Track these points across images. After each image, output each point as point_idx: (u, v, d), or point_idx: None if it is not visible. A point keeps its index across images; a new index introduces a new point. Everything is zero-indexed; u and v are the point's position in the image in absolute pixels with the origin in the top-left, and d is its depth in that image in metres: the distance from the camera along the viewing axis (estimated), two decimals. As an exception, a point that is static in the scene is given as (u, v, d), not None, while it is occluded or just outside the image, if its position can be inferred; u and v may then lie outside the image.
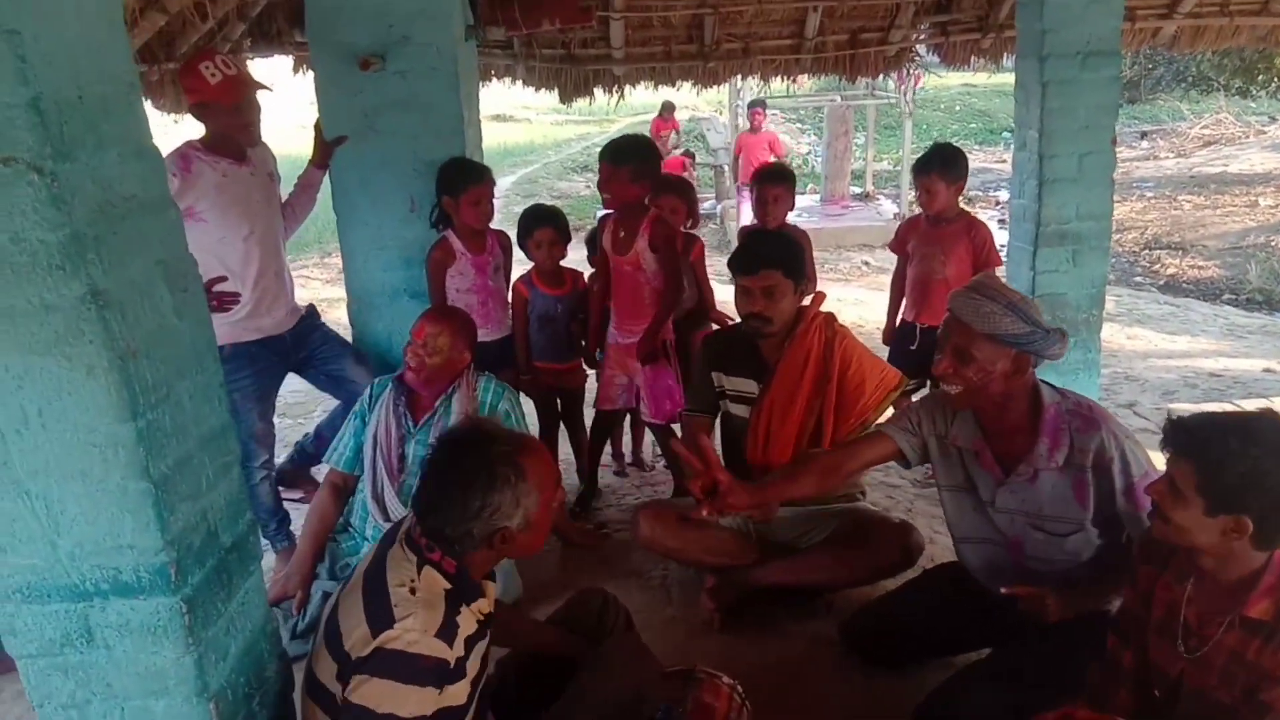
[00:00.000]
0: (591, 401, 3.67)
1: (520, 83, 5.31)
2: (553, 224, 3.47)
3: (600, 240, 3.44)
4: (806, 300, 2.75)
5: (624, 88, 5.64)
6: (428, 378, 2.70)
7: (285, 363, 3.14)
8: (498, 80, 5.28)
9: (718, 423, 2.96)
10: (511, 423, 2.77)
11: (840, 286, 8.43)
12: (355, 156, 3.30)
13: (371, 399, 2.81)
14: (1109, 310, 4.40)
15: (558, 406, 3.68)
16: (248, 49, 4.04)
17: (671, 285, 3.29)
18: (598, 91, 5.59)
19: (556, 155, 19.79)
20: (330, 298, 7.01)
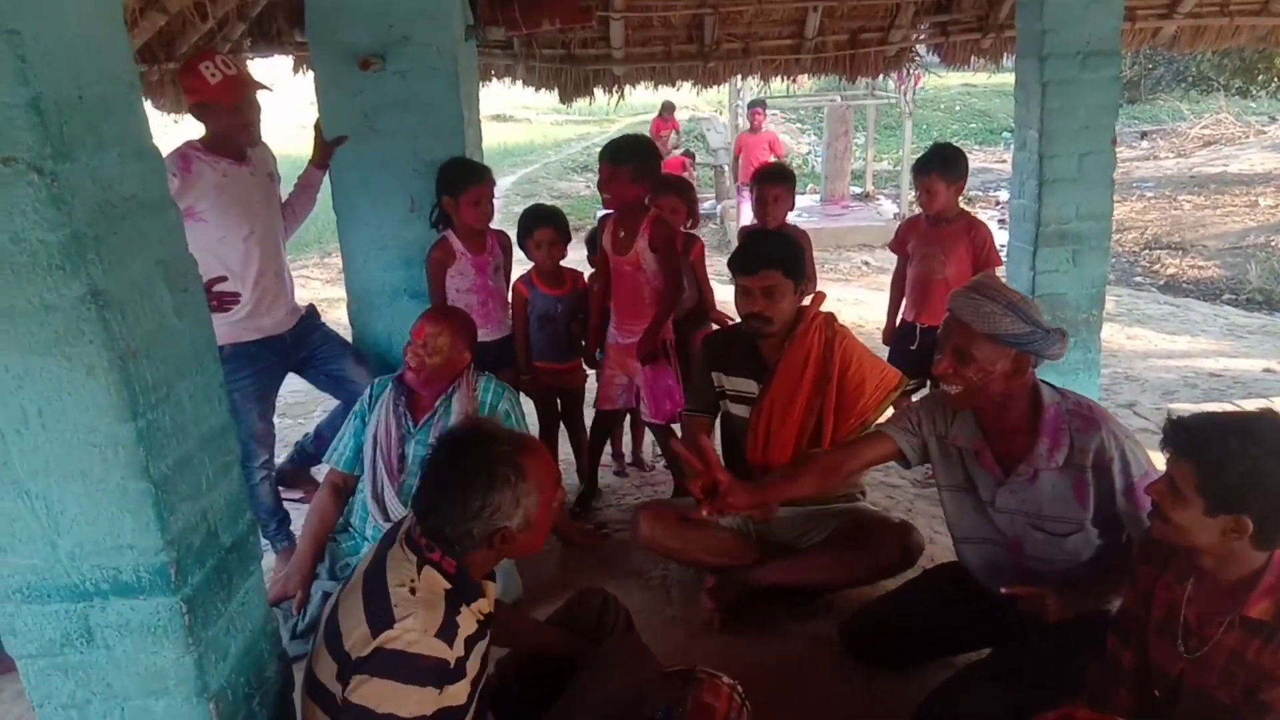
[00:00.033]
0: (591, 402, 3.67)
1: (520, 83, 5.31)
2: (553, 224, 3.47)
3: (600, 240, 3.44)
4: (806, 300, 2.76)
5: (624, 88, 5.63)
6: (428, 378, 2.70)
7: (285, 363, 3.14)
8: (498, 80, 5.28)
9: (717, 423, 2.97)
10: (511, 423, 2.77)
11: (840, 286, 8.42)
12: (355, 156, 3.30)
13: (371, 399, 2.81)
14: (1109, 310, 4.40)
15: (558, 406, 3.68)
16: (248, 49, 4.04)
17: (671, 285, 3.28)
18: (598, 91, 5.58)
19: (556, 155, 19.79)
20: (330, 298, 7.01)
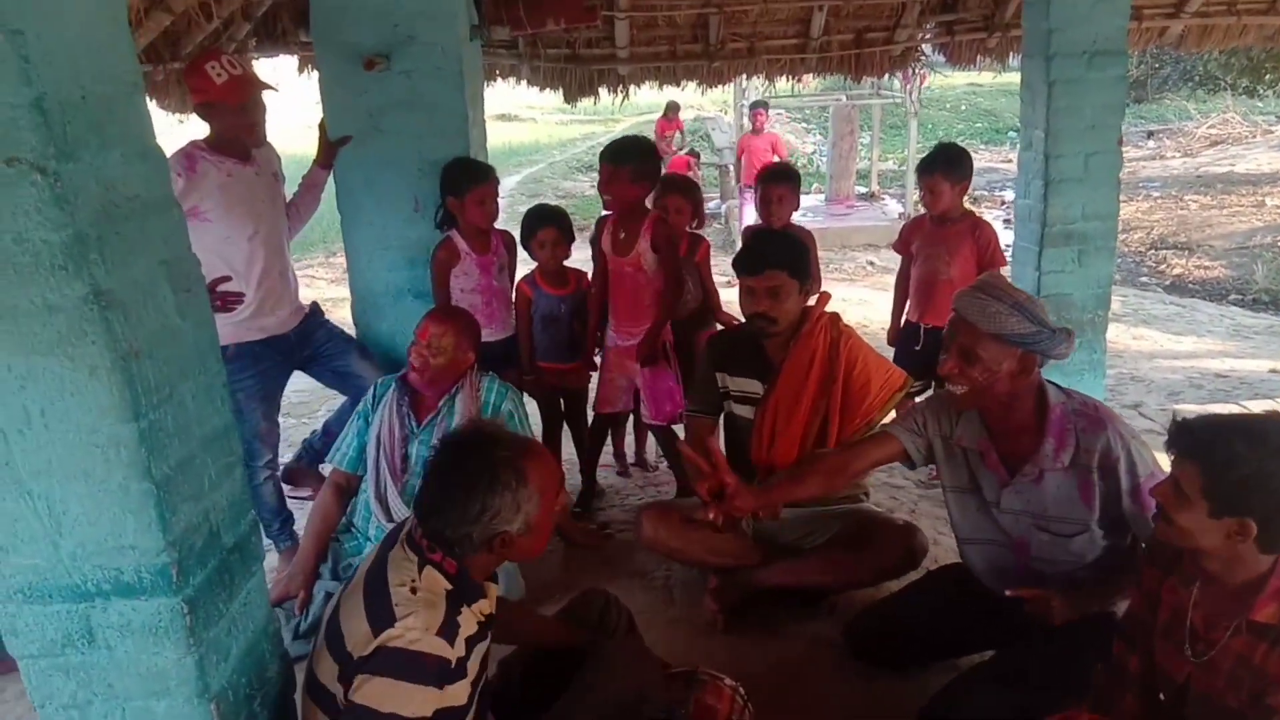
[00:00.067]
0: (591, 404, 3.66)
1: (525, 83, 5.31)
2: (556, 224, 3.46)
3: (598, 242, 3.42)
4: (811, 300, 2.75)
5: (629, 87, 5.63)
6: (431, 378, 2.70)
7: (290, 361, 3.15)
8: (502, 80, 5.29)
9: (721, 423, 2.95)
10: (515, 423, 2.76)
11: (845, 286, 8.41)
12: (360, 156, 3.30)
13: (375, 399, 2.81)
14: (1114, 310, 4.38)
15: (561, 407, 3.67)
16: (253, 49, 4.05)
17: (672, 286, 3.28)
18: (602, 91, 5.58)
19: (561, 155, 19.79)
20: (335, 297, 7.01)
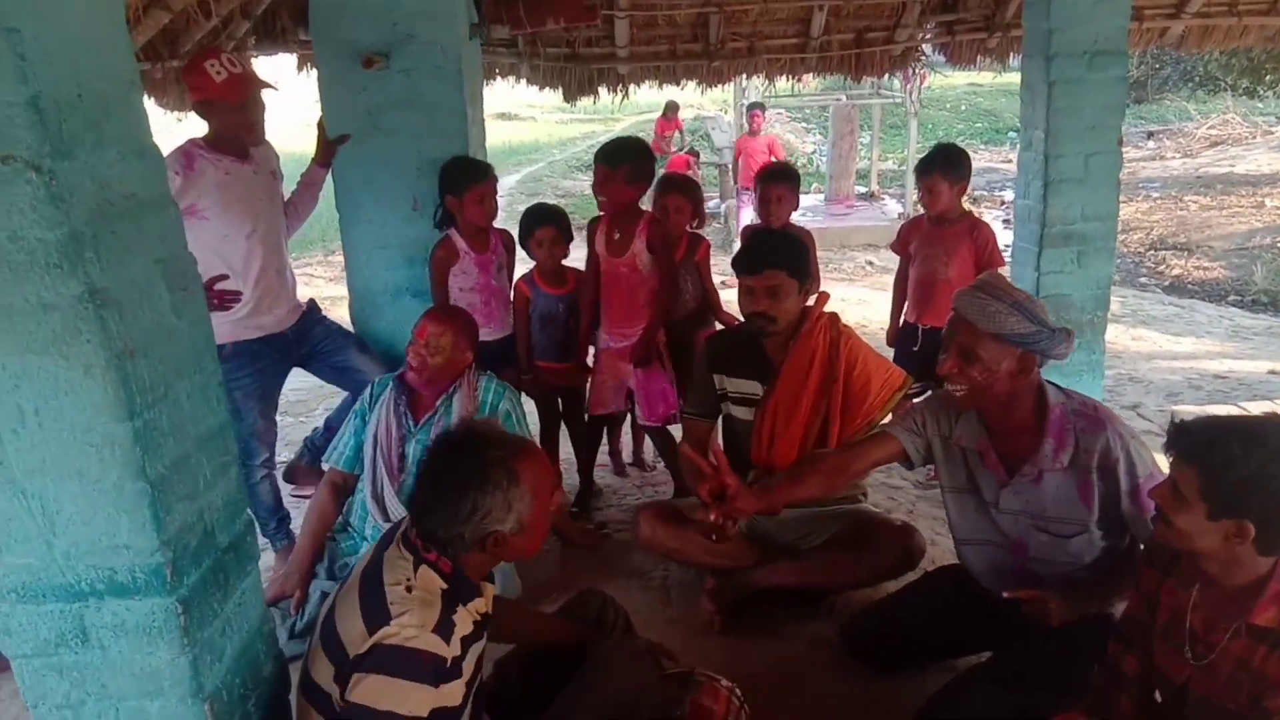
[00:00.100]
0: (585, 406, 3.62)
1: (524, 81, 5.30)
2: (554, 223, 3.45)
3: (593, 243, 3.39)
4: (811, 300, 2.74)
5: (628, 87, 5.62)
6: (429, 377, 2.69)
7: (287, 360, 3.14)
8: (502, 79, 5.27)
9: (718, 424, 2.95)
10: (512, 423, 2.76)
11: (844, 286, 8.41)
12: (358, 155, 3.29)
13: (372, 398, 2.80)
14: (1113, 311, 4.38)
15: (559, 406, 3.66)
16: (252, 47, 4.04)
17: (667, 287, 3.26)
18: (602, 90, 5.57)
19: (561, 154, 19.79)
20: (333, 295, 7.00)
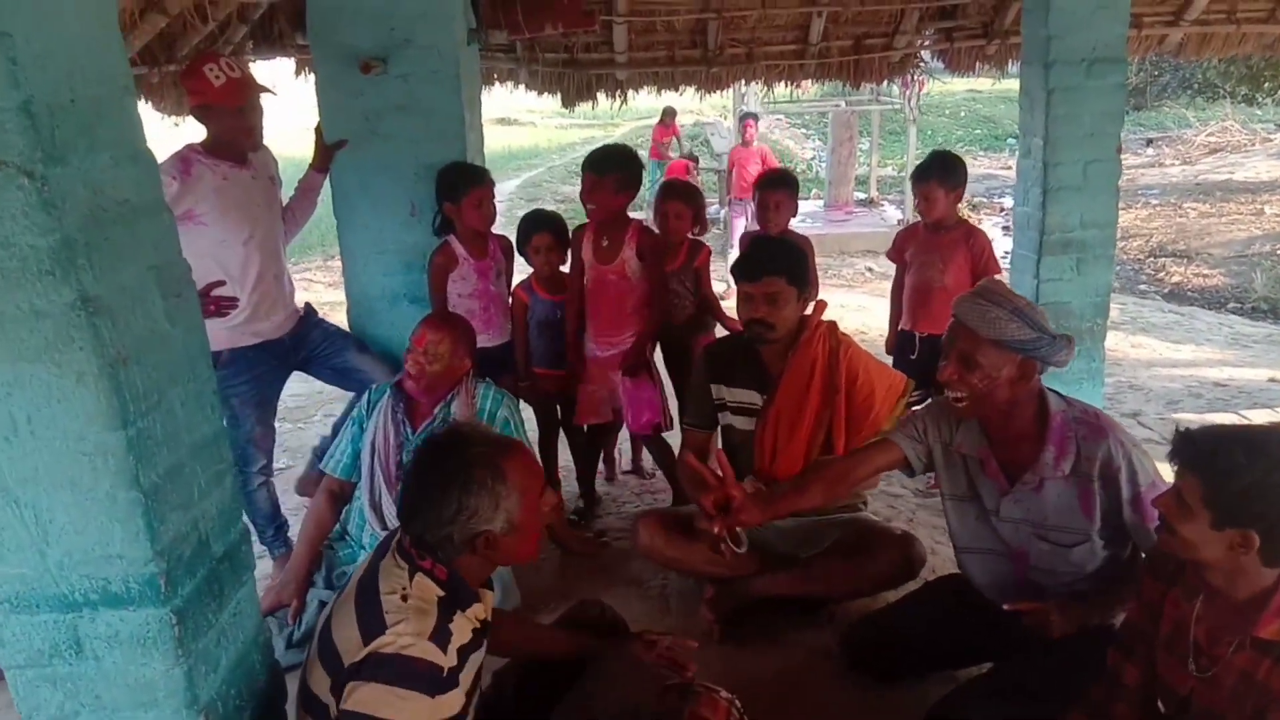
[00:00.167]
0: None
1: (523, 87, 5.29)
2: (551, 229, 3.44)
3: (578, 250, 3.36)
4: (809, 309, 2.73)
5: (627, 92, 5.61)
6: (428, 385, 2.67)
7: (285, 366, 3.13)
8: (500, 84, 5.27)
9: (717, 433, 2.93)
10: (510, 430, 2.74)
11: (843, 293, 8.40)
12: (356, 160, 3.28)
13: (369, 405, 2.78)
14: (1113, 318, 4.36)
15: (558, 413, 3.65)
16: (249, 51, 4.03)
17: (658, 294, 3.26)
18: (600, 96, 5.57)
19: (561, 159, 19.81)
20: (332, 301, 6.99)
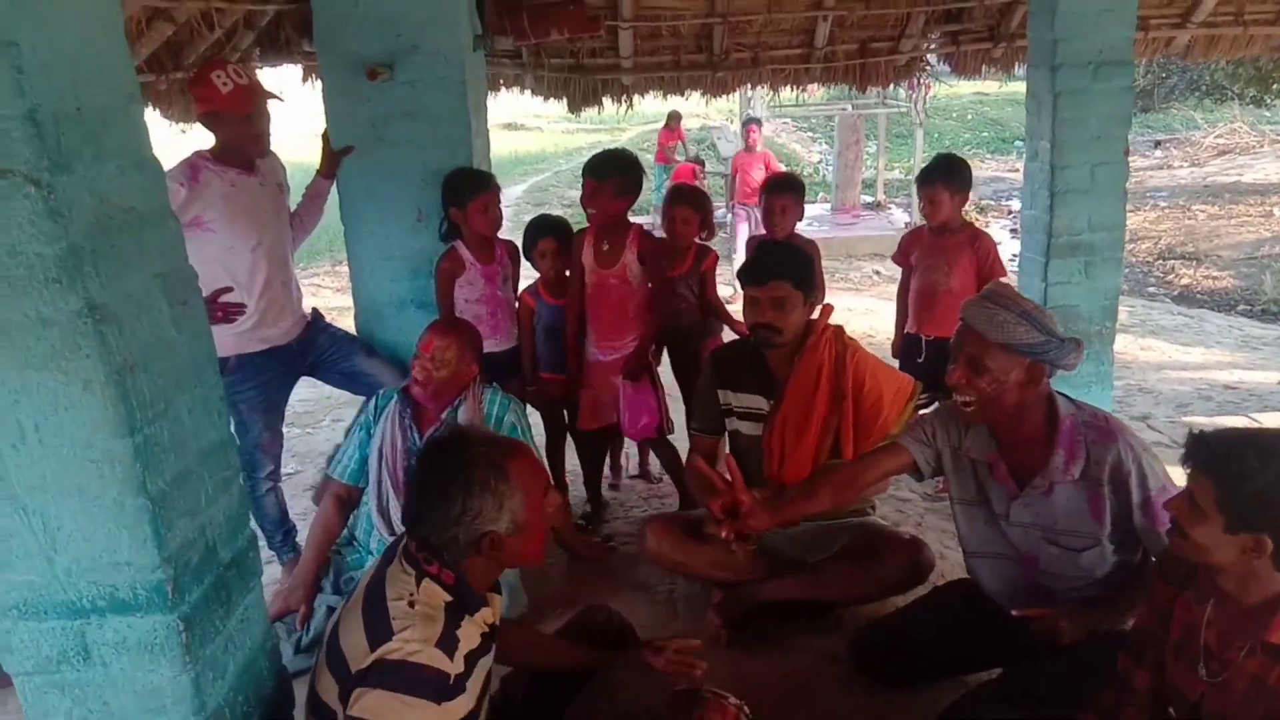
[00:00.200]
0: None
1: (529, 92, 5.30)
2: (555, 234, 3.44)
3: (578, 255, 3.35)
4: (815, 313, 2.72)
5: (632, 97, 5.62)
6: (435, 391, 2.67)
7: (293, 371, 3.13)
8: (506, 90, 5.27)
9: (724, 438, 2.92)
10: (517, 435, 2.74)
11: (851, 296, 8.39)
12: (363, 166, 3.29)
13: (376, 410, 2.78)
14: (1122, 321, 4.35)
15: (564, 417, 3.64)
16: (257, 58, 4.04)
17: (659, 298, 3.27)
18: (606, 101, 5.57)
19: (567, 164, 19.82)
20: (340, 306, 7.01)
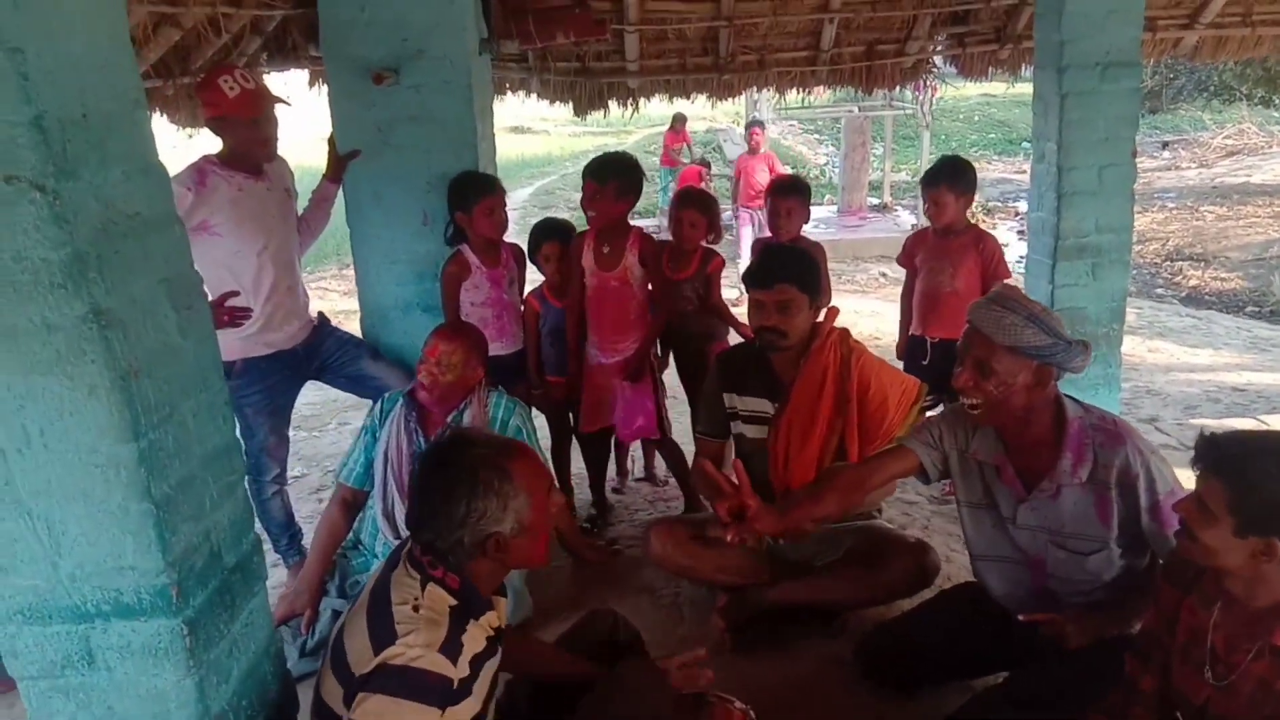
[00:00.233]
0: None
1: (535, 96, 5.30)
2: (560, 237, 3.45)
3: (578, 258, 3.34)
4: (820, 316, 2.72)
5: (638, 100, 5.62)
6: (441, 395, 2.67)
7: (299, 376, 3.14)
8: (512, 93, 5.28)
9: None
10: (523, 438, 2.74)
11: (857, 298, 8.37)
12: (368, 170, 3.30)
13: (382, 414, 2.79)
14: (1130, 322, 4.33)
15: (570, 420, 3.64)
16: (263, 63, 4.05)
17: (659, 300, 3.27)
18: (612, 104, 5.57)
19: (574, 167, 19.80)
20: (347, 309, 7.04)
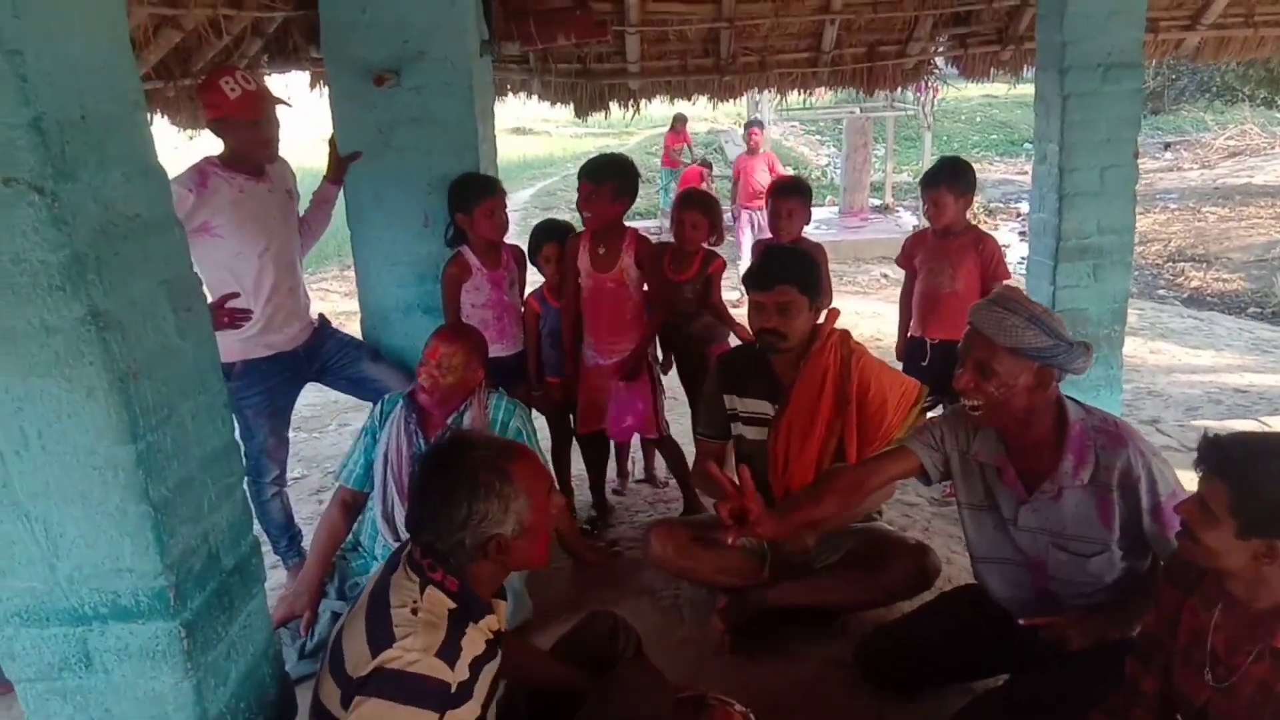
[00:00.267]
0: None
1: (536, 97, 5.31)
2: (560, 239, 3.45)
3: (574, 259, 3.34)
4: (821, 318, 2.71)
5: (639, 101, 5.62)
6: (441, 397, 2.67)
7: (299, 377, 3.14)
8: (513, 95, 5.28)
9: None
10: (523, 440, 2.74)
11: (858, 300, 8.37)
12: (369, 172, 3.30)
13: (382, 416, 2.79)
14: (1131, 323, 4.32)
15: (570, 422, 3.64)
16: (265, 65, 4.05)
17: (656, 301, 3.27)
18: (613, 105, 5.57)
19: (575, 168, 19.62)
20: (348, 311, 7.03)
